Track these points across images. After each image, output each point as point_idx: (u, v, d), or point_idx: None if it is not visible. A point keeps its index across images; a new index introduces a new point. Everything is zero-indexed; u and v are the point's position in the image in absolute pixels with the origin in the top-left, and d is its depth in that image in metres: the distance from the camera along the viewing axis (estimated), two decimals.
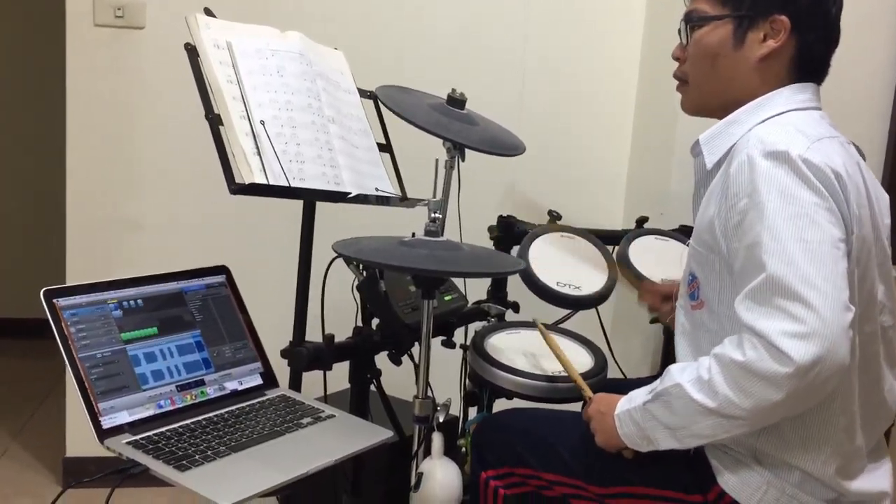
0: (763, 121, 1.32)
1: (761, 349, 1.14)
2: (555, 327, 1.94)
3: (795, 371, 1.11)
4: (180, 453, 1.29)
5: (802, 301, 1.12)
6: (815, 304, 1.12)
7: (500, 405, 1.83)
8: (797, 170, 1.19)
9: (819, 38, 1.36)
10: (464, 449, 1.78)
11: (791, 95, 1.34)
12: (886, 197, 1.41)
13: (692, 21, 1.40)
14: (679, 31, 1.43)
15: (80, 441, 2.54)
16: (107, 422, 1.32)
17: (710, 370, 1.20)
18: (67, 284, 1.39)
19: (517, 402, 1.73)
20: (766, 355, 1.13)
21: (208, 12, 1.59)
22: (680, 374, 1.25)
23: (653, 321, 1.88)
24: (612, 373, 1.89)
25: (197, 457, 1.28)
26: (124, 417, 1.35)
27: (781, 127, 1.28)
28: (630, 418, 1.32)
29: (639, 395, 1.32)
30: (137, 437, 1.32)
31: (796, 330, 1.12)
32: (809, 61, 1.36)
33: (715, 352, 1.21)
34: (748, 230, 1.20)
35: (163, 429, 1.36)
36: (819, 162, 1.20)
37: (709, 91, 1.41)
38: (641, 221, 2.21)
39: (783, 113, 1.32)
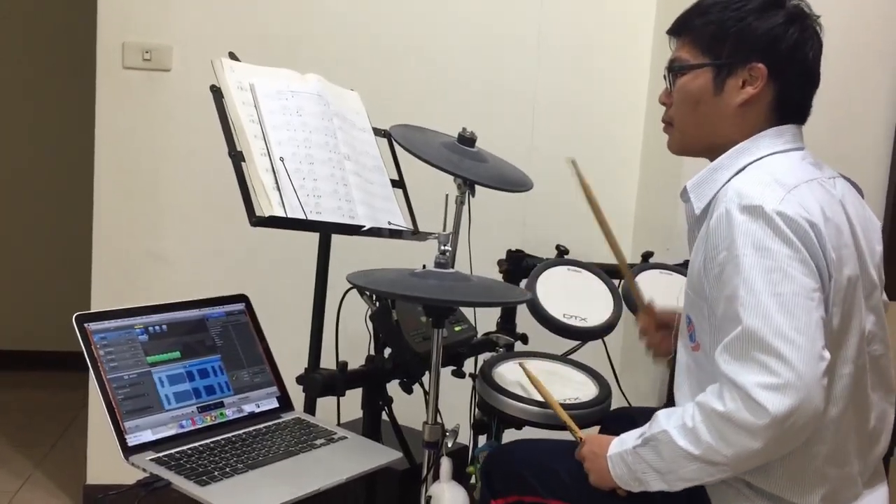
0: (744, 167, 1.36)
1: (739, 401, 1.19)
2: (563, 358, 2.00)
3: (771, 422, 1.17)
4: (201, 469, 1.35)
5: (776, 354, 1.18)
6: (789, 356, 1.17)
7: (509, 434, 1.87)
8: (771, 223, 1.23)
9: (797, 82, 1.39)
10: (473, 476, 1.82)
11: (772, 139, 1.38)
12: (878, 223, 1.44)
13: (674, 69, 1.45)
14: (664, 77, 1.48)
15: (101, 469, 2.60)
16: (132, 440, 1.40)
17: (694, 418, 1.25)
18: (97, 310, 1.47)
19: (526, 431, 1.77)
20: (743, 407, 1.19)
21: (233, 56, 1.68)
22: (666, 420, 1.30)
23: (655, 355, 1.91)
24: (619, 404, 1.92)
25: (216, 473, 1.35)
26: (148, 436, 1.42)
27: (759, 177, 1.31)
28: (622, 461, 1.36)
29: (629, 439, 1.36)
30: (160, 454, 1.39)
31: (771, 382, 1.17)
32: (789, 105, 1.40)
33: (698, 400, 1.26)
34: (727, 282, 1.25)
35: (184, 447, 1.43)
36: (793, 214, 1.24)
37: (692, 135, 1.46)
38: (647, 256, 2.27)
39: (764, 157, 1.36)
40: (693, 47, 1.42)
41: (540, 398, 1.72)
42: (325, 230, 1.74)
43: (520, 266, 2.22)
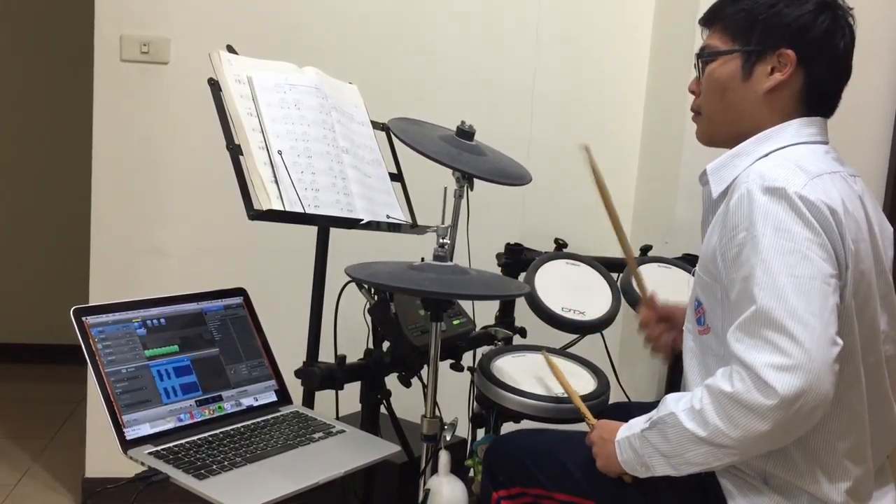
0: (767, 154, 1.36)
1: (748, 381, 1.18)
2: (561, 351, 2.00)
3: (780, 403, 1.16)
4: (199, 463, 1.35)
5: (789, 334, 1.17)
6: (802, 338, 1.16)
7: (508, 428, 1.87)
8: (793, 206, 1.23)
9: (827, 71, 1.38)
10: (471, 470, 1.83)
11: (797, 129, 1.37)
12: (891, 230, 1.44)
13: (704, 56, 1.44)
14: (694, 65, 1.48)
15: (100, 462, 2.60)
16: (130, 433, 1.40)
17: (702, 400, 1.24)
18: (95, 304, 1.46)
19: (524, 425, 1.77)
20: (753, 387, 1.18)
21: (230, 49, 1.68)
22: (675, 403, 1.30)
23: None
24: (618, 397, 1.93)
25: (214, 466, 1.35)
26: (146, 430, 1.42)
27: (782, 162, 1.31)
28: (629, 445, 1.36)
29: (637, 423, 1.36)
30: (159, 447, 1.39)
31: (782, 363, 1.16)
32: (817, 94, 1.39)
33: (707, 383, 1.25)
34: (744, 262, 1.24)
35: (182, 440, 1.43)
36: (815, 199, 1.24)
37: (720, 122, 1.45)
38: (646, 250, 2.27)
39: (787, 146, 1.36)
40: (723, 34, 1.42)
41: (539, 392, 1.73)
42: (324, 223, 1.74)
43: (518, 259, 2.22)
